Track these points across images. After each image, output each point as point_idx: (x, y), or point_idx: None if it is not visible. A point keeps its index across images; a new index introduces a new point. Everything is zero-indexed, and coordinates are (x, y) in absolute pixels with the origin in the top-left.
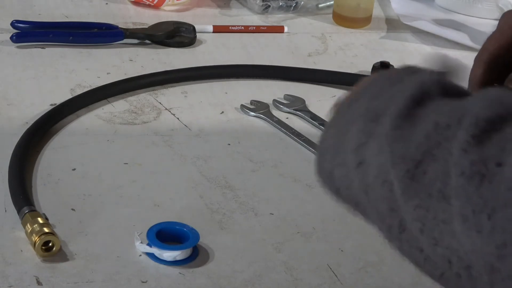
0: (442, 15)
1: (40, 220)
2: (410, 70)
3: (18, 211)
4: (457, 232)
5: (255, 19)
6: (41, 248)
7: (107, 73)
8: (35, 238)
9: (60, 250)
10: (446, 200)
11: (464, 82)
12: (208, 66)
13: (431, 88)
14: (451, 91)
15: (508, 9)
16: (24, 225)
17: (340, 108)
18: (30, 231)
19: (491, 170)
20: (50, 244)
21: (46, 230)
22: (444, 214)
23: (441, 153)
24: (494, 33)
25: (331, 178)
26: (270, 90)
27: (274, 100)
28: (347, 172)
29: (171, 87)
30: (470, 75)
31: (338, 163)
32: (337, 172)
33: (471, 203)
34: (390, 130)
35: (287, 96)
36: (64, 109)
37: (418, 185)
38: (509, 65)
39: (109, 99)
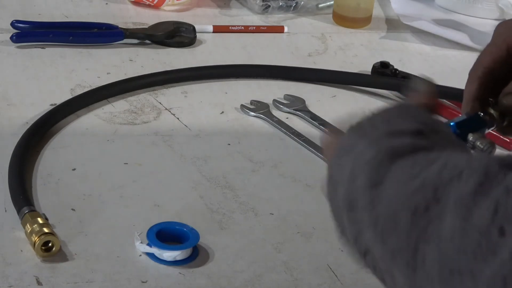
0: (442, 15)
1: (40, 220)
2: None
3: (18, 211)
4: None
5: (255, 19)
6: (41, 248)
7: (107, 73)
8: (34, 238)
9: (60, 250)
10: (449, 283)
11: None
12: (208, 66)
13: (383, 161)
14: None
15: (508, 9)
16: (24, 225)
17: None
18: (30, 231)
19: (496, 242)
20: (50, 244)
21: (45, 230)
22: None
23: (432, 237)
24: (487, 46)
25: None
26: (270, 90)
27: (274, 100)
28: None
29: (171, 87)
30: (465, 90)
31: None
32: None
33: (485, 279)
34: (373, 226)
35: (287, 96)
36: (64, 109)
37: (422, 273)
38: (504, 79)
39: (109, 99)
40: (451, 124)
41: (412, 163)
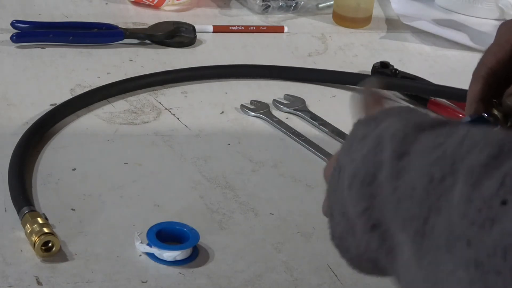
0: (442, 15)
1: (39, 220)
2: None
3: (18, 211)
4: (466, 279)
5: (255, 19)
6: (41, 248)
7: (107, 73)
8: (34, 238)
9: (60, 250)
10: (452, 251)
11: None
12: (208, 66)
13: (408, 133)
14: (426, 127)
15: (508, 9)
16: (23, 225)
17: (330, 181)
18: (30, 231)
19: (497, 211)
20: (50, 244)
21: (45, 230)
22: (451, 264)
23: (443, 205)
24: (491, 47)
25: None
26: (270, 90)
27: (274, 100)
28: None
29: (171, 87)
30: (468, 91)
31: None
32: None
33: (485, 248)
34: (390, 194)
35: (287, 96)
36: (64, 109)
37: (429, 241)
38: (507, 80)
39: (109, 99)
40: None
41: (436, 133)
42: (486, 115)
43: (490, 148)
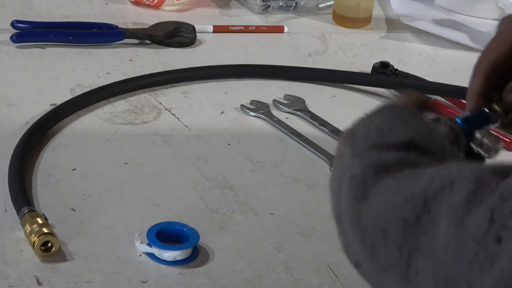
0: (442, 15)
1: (39, 220)
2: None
3: (18, 212)
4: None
5: (255, 19)
6: (40, 249)
7: (107, 73)
8: (34, 238)
9: (60, 250)
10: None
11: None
12: (208, 66)
13: (369, 174)
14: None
15: (508, 9)
16: (23, 226)
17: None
18: (29, 231)
19: (494, 250)
20: (49, 245)
21: (45, 230)
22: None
23: (425, 248)
24: (492, 41)
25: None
26: (270, 90)
27: (274, 100)
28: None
29: (171, 87)
30: (469, 85)
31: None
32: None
33: None
34: (361, 241)
35: (287, 96)
36: (64, 109)
37: (416, 284)
38: (508, 75)
39: (109, 99)
40: (458, 121)
41: (399, 177)
42: (486, 110)
43: (468, 184)
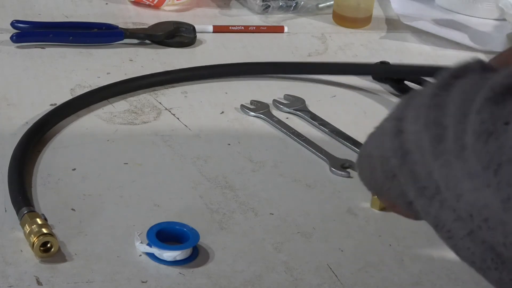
0: (442, 15)
1: (38, 220)
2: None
3: (17, 212)
4: (471, 188)
5: (255, 19)
6: (40, 249)
7: (107, 73)
8: (33, 239)
9: (60, 250)
10: (462, 157)
11: None
12: (208, 66)
13: (471, 64)
14: (489, 69)
15: (508, 9)
16: (22, 226)
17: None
18: (29, 231)
19: (498, 128)
20: (49, 245)
21: (44, 231)
22: (462, 171)
23: (465, 119)
24: None
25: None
26: (270, 90)
27: (274, 100)
28: (384, 140)
29: (171, 87)
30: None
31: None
32: (374, 142)
33: (480, 159)
34: (429, 99)
35: (287, 96)
36: (64, 109)
37: (444, 145)
38: None
39: (109, 99)
40: None
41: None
42: None
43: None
